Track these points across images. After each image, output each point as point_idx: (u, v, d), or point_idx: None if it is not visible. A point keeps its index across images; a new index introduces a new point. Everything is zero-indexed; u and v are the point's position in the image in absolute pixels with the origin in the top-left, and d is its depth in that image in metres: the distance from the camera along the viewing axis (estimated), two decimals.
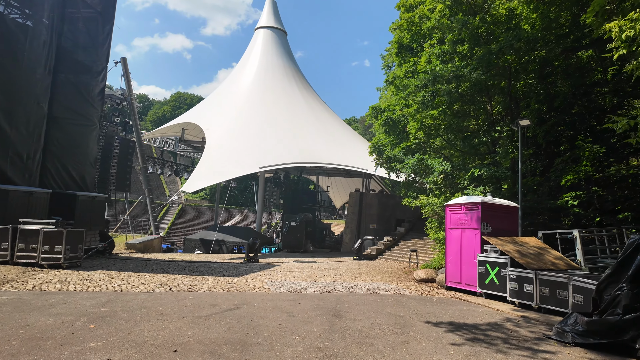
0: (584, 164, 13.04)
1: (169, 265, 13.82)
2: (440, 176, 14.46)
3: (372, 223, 31.23)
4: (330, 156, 25.41)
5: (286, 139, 25.46)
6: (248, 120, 26.24)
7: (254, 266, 15.27)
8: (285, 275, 12.68)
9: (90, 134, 16.27)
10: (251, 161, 22.48)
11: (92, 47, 16.29)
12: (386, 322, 6.68)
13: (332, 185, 53.75)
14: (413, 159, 15.45)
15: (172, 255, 19.78)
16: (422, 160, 15.24)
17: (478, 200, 10.83)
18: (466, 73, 13.20)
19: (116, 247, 20.10)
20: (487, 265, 10.11)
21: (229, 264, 15.60)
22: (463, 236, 11.17)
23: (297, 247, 25.33)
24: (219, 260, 18.16)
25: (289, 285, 10.60)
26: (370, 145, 19.46)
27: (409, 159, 15.57)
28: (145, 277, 10.61)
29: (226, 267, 14.55)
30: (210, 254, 24.67)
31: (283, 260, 19.18)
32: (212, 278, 11.13)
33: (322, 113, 29.68)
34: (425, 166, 15.16)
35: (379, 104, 20.04)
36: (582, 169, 13.03)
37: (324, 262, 18.72)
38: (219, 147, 23.31)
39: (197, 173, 21.13)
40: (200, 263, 15.53)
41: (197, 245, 30.53)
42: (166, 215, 69.75)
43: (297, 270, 14.64)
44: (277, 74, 29.60)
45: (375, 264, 19.43)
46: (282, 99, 28.17)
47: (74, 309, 6.41)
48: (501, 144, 14.53)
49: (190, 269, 13.05)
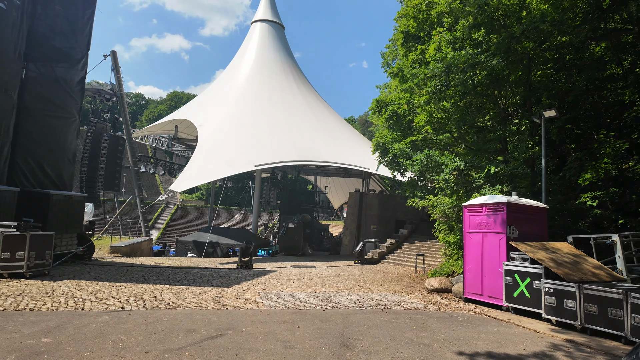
0: (604, 161, 11.67)
1: (152, 273, 12.27)
2: (453, 174, 12.99)
3: (372, 224, 29.78)
4: (329, 154, 23.93)
5: (283, 136, 23.95)
6: (243, 116, 24.71)
7: (247, 273, 13.74)
8: (282, 285, 11.16)
9: (69, 128, 14.69)
10: (246, 159, 20.96)
11: (71, 33, 14.71)
12: (410, 356, 5.18)
13: (331, 185, 52.27)
14: (422, 154, 13.98)
15: (161, 260, 18.21)
16: (431, 156, 13.77)
17: (503, 201, 9.36)
18: (484, 59, 11.73)
19: (100, 251, 18.50)
20: (516, 275, 8.63)
21: (220, 270, 14.07)
22: (485, 241, 9.70)
23: (294, 250, 23.81)
24: (210, 265, 16.61)
25: (286, 298, 9.09)
26: (374, 142, 17.97)
27: (417, 155, 14.10)
28: (119, 288, 9.07)
29: (216, 273, 13.02)
30: (203, 257, 23.12)
31: (280, 265, 17.67)
32: (198, 289, 9.61)
33: (320, 110, 28.19)
34: (436, 163, 13.68)
35: (383, 98, 18.56)
36: (603, 166, 11.66)
37: (324, 267, 17.22)
38: (211, 145, 21.77)
39: (187, 171, 19.58)
40: (189, 269, 13.99)
41: (190, 248, 28.95)
42: (161, 216, 68.06)
43: (295, 277, 13.13)
44: (274, 69, 28.09)
45: (378, 269, 17.94)
46: (279, 95, 26.66)
47: (3, 341, 4.88)
48: (519, 139, 13.07)
49: (175, 277, 11.51)
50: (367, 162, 25.14)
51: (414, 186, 19.13)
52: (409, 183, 18.83)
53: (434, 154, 13.91)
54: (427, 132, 16.27)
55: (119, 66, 28.01)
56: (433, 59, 13.50)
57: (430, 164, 13.93)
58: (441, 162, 13.53)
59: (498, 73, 12.39)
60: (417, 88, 15.52)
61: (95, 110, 28.30)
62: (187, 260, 18.69)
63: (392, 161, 17.95)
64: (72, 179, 15.28)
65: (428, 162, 13.89)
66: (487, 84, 13.11)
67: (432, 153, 13.92)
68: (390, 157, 17.88)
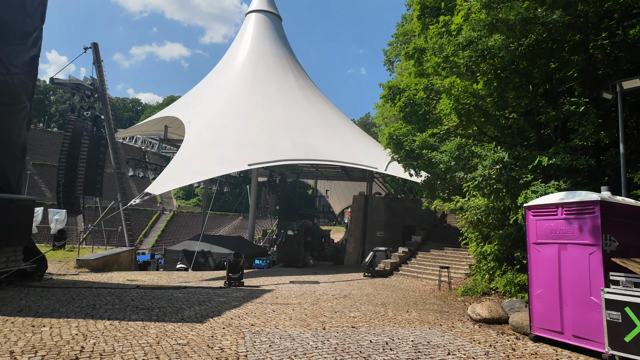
0: None
1: (109, 298, 9.24)
2: (495, 167, 10.05)
3: (379, 230, 26.78)
4: (331, 153, 20.99)
5: (280, 133, 21.03)
6: (236, 112, 21.79)
7: (235, 294, 10.72)
8: (278, 317, 8.15)
9: (16, 117, 11.71)
10: (238, 158, 18.01)
11: (19, 1, 11.82)
12: None
13: (331, 189, 49.30)
14: (452, 143, 11.04)
15: (137, 275, 15.15)
16: (464, 146, 10.84)
17: (594, 199, 6.40)
18: (542, 14, 8.84)
19: (65, 265, 15.44)
20: (628, 309, 5.66)
21: (201, 292, 11.04)
22: (564, 256, 6.73)
23: (294, 260, 20.79)
24: (192, 282, 13.59)
25: (283, 345, 6.08)
26: (386, 135, 15.03)
27: (446, 145, 11.15)
28: (39, 331, 6.05)
29: (195, 297, 10.00)
30: (191, 270, 20.13)
31: (277, 280, 14.64)
32: (158, 328, 6.59)
33: (321, 105, 25.31)
34: (470, 154, 10.75)
35: (396, 83, 15.59)
36: None
37: (330, 283, 14.20)
38: (199, 143, 18.84)
39: (169, 172, 16.64)
40: (162, 290, 10.95)
41: (180, 258, 25.86)
42: (156, 223, 64.92)
43: (295, 300, 10.11)
44: (270, 61, 25.25)
45: (393, 283, 14.92)
46: (276, 89, 23.79)
47: None
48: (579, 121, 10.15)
49: (136, 305, 8.49)
50: (372, 162, 22.22)
51: (432, 187, 16.19)
52: (426, 183, 15.89)
53: (468, 143, 10.98)
54: (452, 122, 13.36)
55: (100, 60, 25.14)
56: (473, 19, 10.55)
57: (462, 155, 10.98)
58: (478, 153, 10.59)
59: (556, 34, 9.47)
60: (441, 68, 12.66)
61: (74, 107, 25.45)
62: (168, 275, 15.65)
63: (407, 156, 15.02)
64: (21, 179, 12.26)
65: (460, 153, 10.95)
66: (536, 51, 10.19)
67: (464, 142, 11.00)
68: (405, 153, 14.96)
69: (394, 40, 37.52)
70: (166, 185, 15.97)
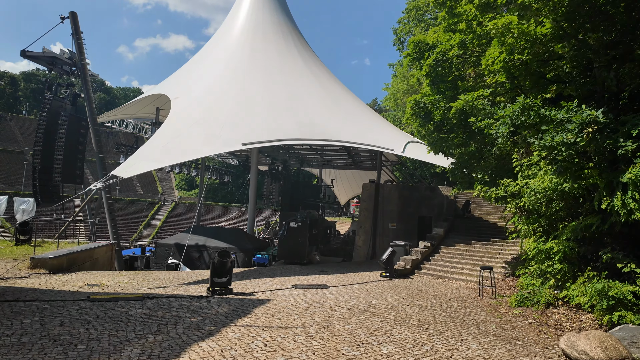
0: None
1: (25, 323, 6.24)
2: (585, 131, 6.87)
3: (391, 222, 23.69)
4: (340, 133, 17.84)
5: (282, 110, 17.90)
6: (231, 86, 18.65)
7: (216, 309, 7.70)
8: (272, 351, 5.11)
9: None
10: (232, 137, 14.93)
11: None
12: None
13: (337, 178, 46.17)
14: (513, 105, 7.86)
15: (105, 278, 12.13)
16: (531, 107, 7.67)
17: None
18: None
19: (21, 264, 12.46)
20: None
21: (172, 304, 8.05)
22: None
23: (298, 257, 17.77)
24: (170, 286, 10.60)
25: None
26: (411, 103, 11.86)
27: (507, 109, 7.95)
28: None
29: (159, 316, 6.99)
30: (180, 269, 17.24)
31: (276, 283, 11.63)
32: None
33: (328, 82, 22.09)
34: (539, 119, 7.57)
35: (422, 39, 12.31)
36: None
37: (342, 288, 11.16)
38: (186, 120, 15.77)
39: (145, 152, 13.61)
40: (120, 302, 7.96)
41: (172, 252, 22.93)
42: (157, 214, 62.25)
43: (297, 321, 7.08)
44: (270, 31, 21.99)
45: (420, 287, 11.86)
46: (277, 62, 20.59)
47: None
48: None
49: (56, 337, 5.49)
50: (387, 143, 19.05)
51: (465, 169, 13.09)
52: (459, 165, 12.75)
53: (536, 103, 7.81)
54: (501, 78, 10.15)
55: (80, 31, 21.95)
56: None
57: (527, 121, 7.80)
58: (553, 116, 7.41)
59: None
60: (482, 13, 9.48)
61: (50, 84, 22.39)
62: (145, 276, 12.65)
63: (436, 130, 11.89)
64: None
65: (526, 118, 7.77)
66: None
67: (530, 103, 7.82)
68: (434, 126, 11.82)
69: (405, 17, 34.03)
70: (139, 166, 12.94)
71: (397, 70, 34.64)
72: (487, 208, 22.53)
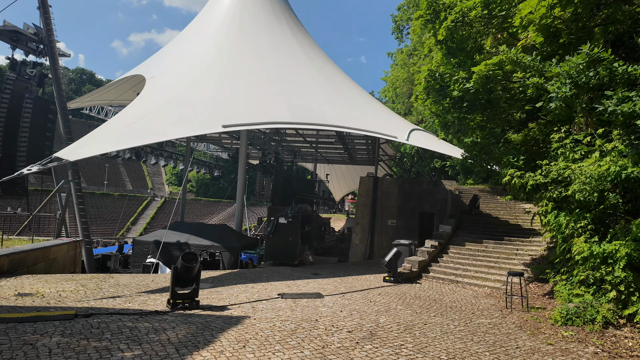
0: None
1: None
2: None
3: (390, 218, 21.62)
4: (337, 118, 15.67)
5: (271, 91, 15.66)
6: (215, 65, 16.36)
7: (167, 336, 5.49)
8: None
9: None
10: (211, 118, 12.67)
11: None
12: None
13: (332, 174, 44.00)
14: (576, 57, 5.72)
15: (48, 284, 9.85)
16: (601, 60, 5.54)
17: None
18: None
19: None
20: None
21: (110, 326, 5.84)
22: None
23: (288, 257, 15.56)
24: (121, 298, 8.35)
25: None
26: (424, 73, 9.70)
27: (564, 63, 5.81)
28: None
29: (86, 345, 4.79)
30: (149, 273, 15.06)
31: (259, 291, 9.43)
32: None
33: (324, 64, 19.88)
34: (616, 75, 5.44)
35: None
36: None
37: (339, 297, 8.99)
38: (158, 99, 13.48)
39: (99, 132, 11.30)
40: (42, 322, 5.72)
41: (151, 250, 20.66)
42: (146, 210, 59.76)
43: (277, 354, 4.90)
44: (260, 8, 19.70)
45: (432, 296, 9.72)
46: (268, 40, 18.31)
47: None
48: None
49: None
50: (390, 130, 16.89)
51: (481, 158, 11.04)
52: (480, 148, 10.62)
53: (605, 57, 5.68)
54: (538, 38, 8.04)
55: (48, 5, 19.52)
56: None
57: (593, 80, 5.68)
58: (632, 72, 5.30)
59: None
60: None
61: (14, 63, 19.93)
62: (100, 282, 10.36)
63: (454, 107, 9.75)
64: None
65: (592, 75, 5.65)
66: None
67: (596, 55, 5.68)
68: (451, 103, 9.67)
69: (405, 2, 31.81)
70: (92, 148, 10.66)
71: (397, 57, 32.48)
72: (494, 204, 20.56)
